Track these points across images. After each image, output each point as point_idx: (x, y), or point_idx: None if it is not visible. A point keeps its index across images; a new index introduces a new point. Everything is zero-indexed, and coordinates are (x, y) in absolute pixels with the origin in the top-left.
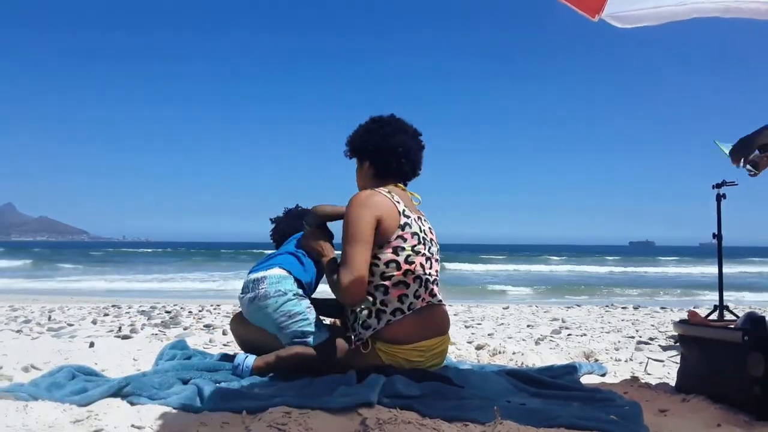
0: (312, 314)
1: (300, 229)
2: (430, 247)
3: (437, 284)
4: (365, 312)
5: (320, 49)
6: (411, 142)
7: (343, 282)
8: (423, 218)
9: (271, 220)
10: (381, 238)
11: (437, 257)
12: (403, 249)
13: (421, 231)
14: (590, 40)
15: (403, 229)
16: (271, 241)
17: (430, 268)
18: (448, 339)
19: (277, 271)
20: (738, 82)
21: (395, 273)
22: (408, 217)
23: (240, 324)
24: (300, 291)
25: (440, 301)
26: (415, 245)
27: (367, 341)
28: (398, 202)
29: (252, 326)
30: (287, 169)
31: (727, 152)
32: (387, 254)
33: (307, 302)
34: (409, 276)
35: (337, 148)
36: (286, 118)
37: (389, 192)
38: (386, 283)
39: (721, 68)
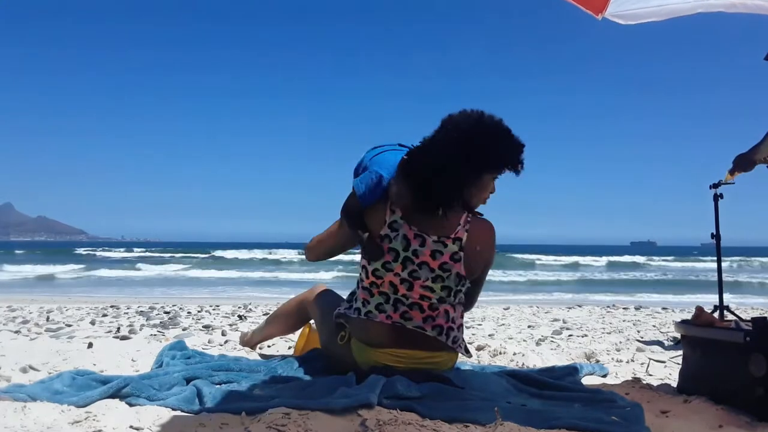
0: None
1: None
2: (413, 271)
3: (422, 311)
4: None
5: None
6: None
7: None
8: (430, 240)
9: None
10: None
11: (428, 285)
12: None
13: (407, 251)
14: (590, 35)
15: (381, 241)
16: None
17: (408, 290)
18: (441, 356)
19: None
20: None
21: (364, 279)
22: (395, 231)
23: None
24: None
25: (420, 327)
26: (387, 261)
27: (346, 333)
28: (393, 212)
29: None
30: (289, 168)
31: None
32: (363, 259)
33: None
34: (374, 288)
35: (335, 147)
36: (290, 114)
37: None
38: (359, 282)
39: (723, 66)
